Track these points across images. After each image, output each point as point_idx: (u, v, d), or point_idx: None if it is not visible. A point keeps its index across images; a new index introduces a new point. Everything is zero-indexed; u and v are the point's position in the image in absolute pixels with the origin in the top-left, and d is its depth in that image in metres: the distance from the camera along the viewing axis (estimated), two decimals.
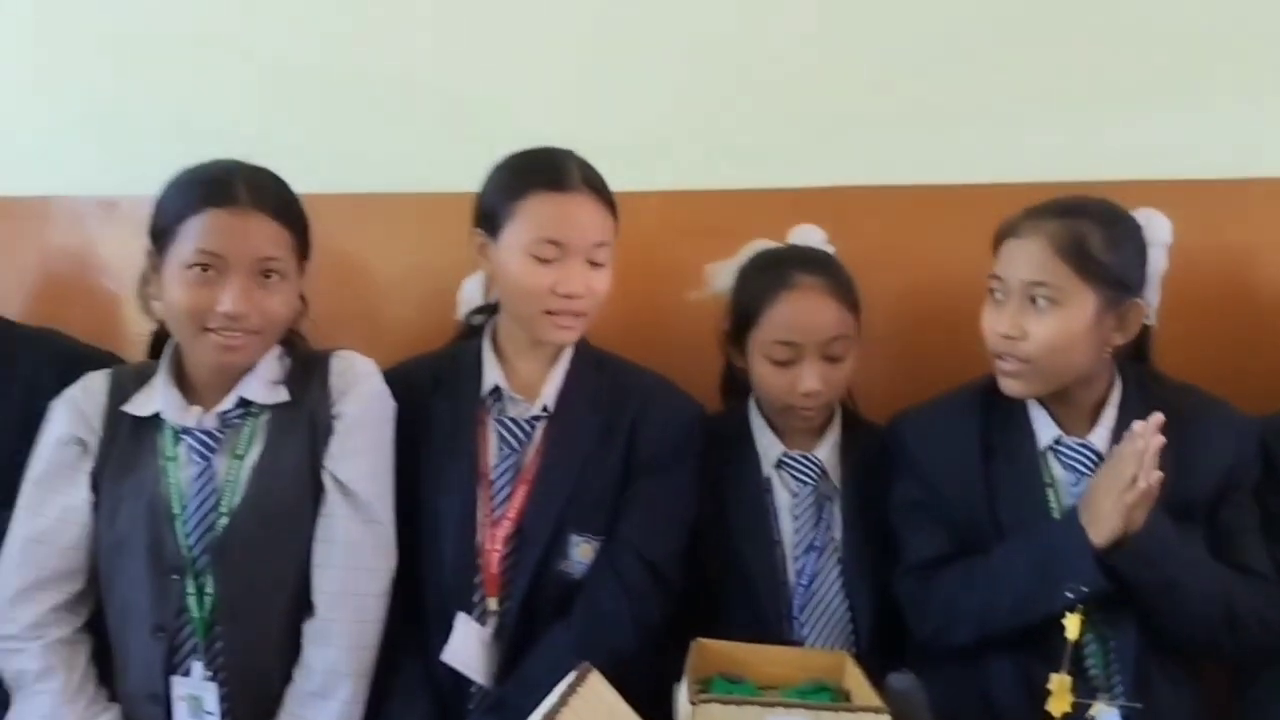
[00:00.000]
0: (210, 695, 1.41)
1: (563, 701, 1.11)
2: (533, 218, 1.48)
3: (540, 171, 1.50)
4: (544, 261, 1.48)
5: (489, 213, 1.52)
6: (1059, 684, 1.23)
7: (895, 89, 1.84)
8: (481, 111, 1.93)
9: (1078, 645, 1.31)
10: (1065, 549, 1.37)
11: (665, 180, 1.87)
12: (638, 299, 1.80)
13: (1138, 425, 1.34)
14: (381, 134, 1.99)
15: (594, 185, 1.51)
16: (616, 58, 1.91)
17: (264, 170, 1.48)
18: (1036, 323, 1.43)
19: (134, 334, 2.01)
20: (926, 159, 1.83)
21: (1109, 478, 1.36)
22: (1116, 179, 1.65)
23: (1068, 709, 1.26)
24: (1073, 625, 1.21)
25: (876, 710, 1.18)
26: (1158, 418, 1.33)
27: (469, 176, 1.59)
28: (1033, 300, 1.43)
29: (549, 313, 1.49)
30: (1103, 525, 1.34)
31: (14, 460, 1.47)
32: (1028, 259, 1.44)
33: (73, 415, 1.47)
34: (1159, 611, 1.40)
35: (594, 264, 1.50)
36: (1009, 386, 1.48)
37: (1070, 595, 1.33)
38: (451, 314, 1.77)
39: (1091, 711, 1.28)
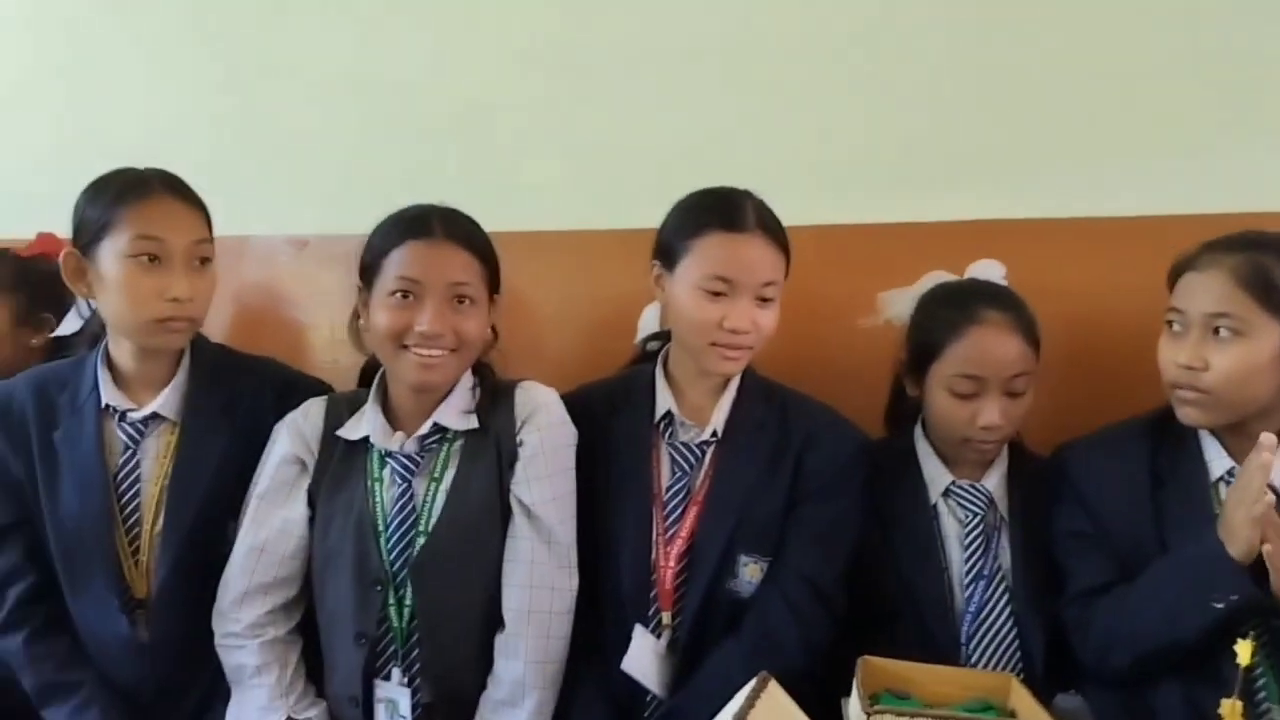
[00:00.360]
0: (404, 699, 1.59)
1: (749, 704, 1.24)
2: (706, 255, 1.61)
3: (716, 211, 1.63)
4: (714, 297, 1.61)
5: (667, 247, 1.67)
6: (1230, 709, 1.29)
7: (1066, 121, 1.93)
8: (651, 151, 2.10)
9: (1248, 673, 1.37)
10: (1204, 563, 1.43)
11: (838, 214, 2.00)
12: (810, 328, 1.94)
13: (1263, 437, 1.39)
14: (550, 174, 2.19)
15: (767, 226, 1.63)
16: (792, 96, 2.05)
17: (457, 210, 1.67)
18: (1218, 354, 1.49)
19: (320, 361, 2.26)
20: (1095, 191, 1.91)
21: (1239, 491, 1.43)
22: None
23: None
24: (1244, 650, 1.26)
25: None
26: (1271, 437, 1.39)
27: (634, 215, 1.78)
28: (1215, 331, 1.49)
29: (715, 345, 1.62)
30: (1238, 538, 1.41)
31: (240, 475, 1.68)
32: (1209, 291, 1.50)
33: (294, 437, 1.67)
34: None
35: (762, 301, 1.62)
36: (1188, 415, 1.54)
37: (1219, 605, 1.39)
38: (610, 343, 1.95)
39: None
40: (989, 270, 1.78)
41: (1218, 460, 1.57)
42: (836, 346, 2.00)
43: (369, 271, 1.64)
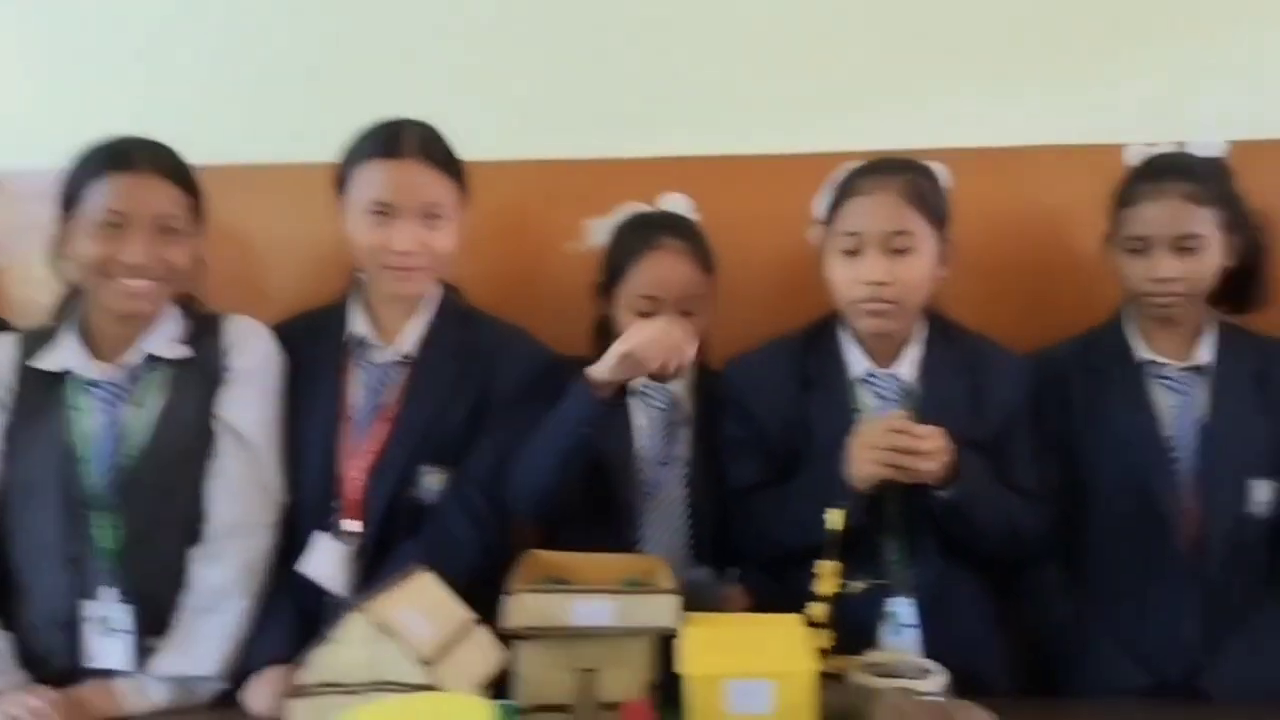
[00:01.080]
0: (121, 615, 1.71)
1: (394, 585, 1.47)
2: (366, 181, 1.83)
3: (374, 139, 1.85)
4: (378, 219, 1.82)
5: (340, 177, 1.88)
6: (824, 569, 1.63)
7: (741, 72, 2.27)
8: (363, 89, 2.26)
9: (871, 542, 1.73)
10: (831, 484, 1.73)
11: (550, 150, 2.26)
12: (521, 257, 2.22)
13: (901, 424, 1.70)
14: (264, 108, 2.34)
15: (429, 152, 1.84)
16: (509, 42, 2.29)
17: (157, 141, 1.82)
18: (901, 267, 1.78)
19: (16, 300, 2.33)
20: (769, 132, 2.24)
21: (866, 431, 1.72)
22: (928, 147, 2.01)
23: (835, 589, 1.64)
24: (834, 518, 1.62)
25: (665, 592, 1.54)
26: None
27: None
28: (893, 247, 1.79)
29: (387, 267, 1.85)
30: (854, 466, 1.71)
31: None
32: (885, 212, 1.79)
33: None
34: (960, 537, 1.78)
35: (429, 220, 1.83)
36: (874, 325, 1.82)
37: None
38: (327, 278, 2.11)
39: (849, 587, 1.69)
40: (677, 202, 2.05)
41: (857, 363, 1.88)
42: (549, 271, 2.25)
43: (70, 203, 1.77)
